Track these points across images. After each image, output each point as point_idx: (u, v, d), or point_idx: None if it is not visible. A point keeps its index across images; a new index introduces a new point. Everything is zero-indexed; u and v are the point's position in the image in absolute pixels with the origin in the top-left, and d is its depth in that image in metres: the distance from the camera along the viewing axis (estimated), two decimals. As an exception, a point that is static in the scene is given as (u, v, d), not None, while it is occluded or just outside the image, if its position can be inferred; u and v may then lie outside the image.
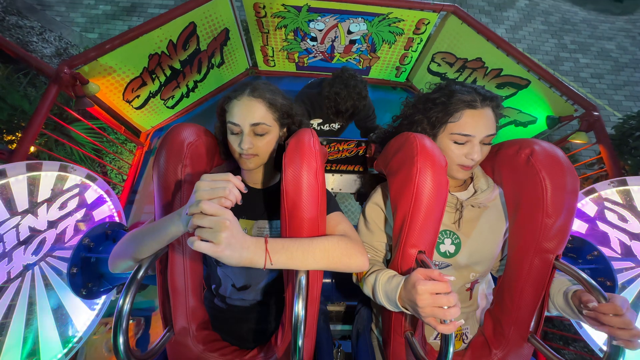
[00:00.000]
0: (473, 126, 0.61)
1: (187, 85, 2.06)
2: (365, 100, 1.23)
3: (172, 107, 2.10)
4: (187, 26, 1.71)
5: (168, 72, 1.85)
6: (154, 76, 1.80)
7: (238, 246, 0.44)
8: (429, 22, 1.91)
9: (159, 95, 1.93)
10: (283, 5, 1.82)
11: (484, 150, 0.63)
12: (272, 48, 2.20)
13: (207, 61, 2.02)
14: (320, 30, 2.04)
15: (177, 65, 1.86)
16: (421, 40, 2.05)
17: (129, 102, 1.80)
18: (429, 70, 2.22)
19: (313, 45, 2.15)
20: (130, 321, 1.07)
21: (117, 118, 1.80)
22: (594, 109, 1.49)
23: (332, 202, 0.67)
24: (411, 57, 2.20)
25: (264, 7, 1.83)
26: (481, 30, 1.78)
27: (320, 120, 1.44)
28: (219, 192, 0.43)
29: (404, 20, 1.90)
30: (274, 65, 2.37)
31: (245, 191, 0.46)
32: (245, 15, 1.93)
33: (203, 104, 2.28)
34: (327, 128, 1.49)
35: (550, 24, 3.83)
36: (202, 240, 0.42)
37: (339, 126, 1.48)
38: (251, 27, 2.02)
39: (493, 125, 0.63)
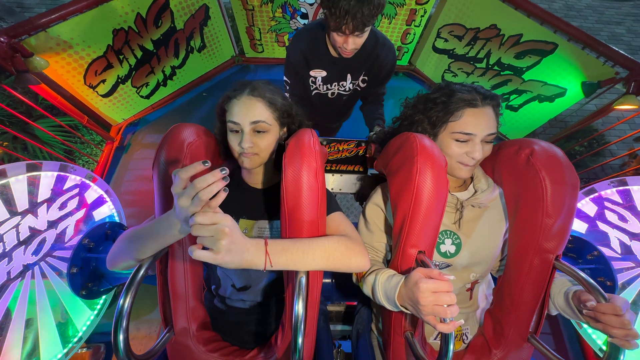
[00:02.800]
0: (474, 125, 0.61)
1: (163, 71, 1.80)
2: (384, 2, 0.82)
3: (147, 96, 1.84)
4: None
5: (139, 54, 1.61)
6: (121, 57, 1.55)
7: (238, 251, 0.44)
8: None
9: (129, 81, 1.67)
10: None
11: (485, 149, 0.64)
12: (259, 29, 1.95)
13: (185, 43, 1.77)
14: (311, 5, 1.82)
15: (149, 46, 1.62)
16: (425, 12, 1.81)
17: (93, 87, 1.55)
18: (434, 49, 1.99)
19: (304, 24, 1.93)
20: (85, 349, 0.98)
21: (79, 106, 1.56)
22: None
23: (332, 203, 0.67)
24: (414, 34, 1.96)
25: None
26: None
27: (324, 74, 1.07)
28: (199, 201, 0.42)
29: None
30: (262, 51, 2.12)
31: (225, 174, 0.42)
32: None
33: (184, 95, 2.02)
34: (334, 90, 1.13)
35: (555, 11, 3.75)
36: (203, 248, 0.42)
37: (351, 85, 1.11)
38: (234, 3, 1.78)
39: (494, 124, 0.63)
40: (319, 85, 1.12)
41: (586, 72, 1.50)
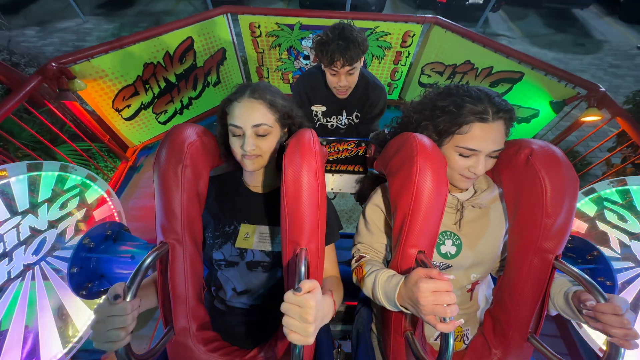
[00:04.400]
0: (481, 140, 0.58)
1: (181, 101, 2.03)
2: (366, 45, 1.02)
3: (165, 122, 2.04)
4: (184, 40, 1.78)
5: (162, 84, 1.84)
6: (147, 86, 1.78)
7: (323, 318, 0.49)
8: (414, 34, 2.00)
9: (151, 107, 1.89)
10: (277, 23, 1.94)
11: (489, 163, 0.61)
12: (267, 69, 2.26)
13: (202, 78, 2.03)
14: (312, 48, 2.15)
15: (172, 78, 1.86)
16: (409, 53, 2.13)
17: (119, 111, 1.76)
18: (420, 84, 2.27)
19: (306, 64, 2.24)
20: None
21: (103, 126, 1.76)
22: (597, 87, 1.43)
23: (335, 228, 0.70)
24: (401, 72, 2.27)
25: (259, 26, 1.95)
26: (465, 34, 1.84)
27: (323, 109, 1.24)
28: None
29: (390, 34, 1.99)
30: (270, 87, 2.48)
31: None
32: (242, 39, 2.01)
33: (197, 124, 2.28)
34: (333, 122, 1.28)
35: (524, 64, 4.31)
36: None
37: (347, 120, 1.27)
38: (247, 47, 2.10)
39: (502, 140, 0.60)
40: (320, 118, 1.28)
41: (552, 93, 1.72)
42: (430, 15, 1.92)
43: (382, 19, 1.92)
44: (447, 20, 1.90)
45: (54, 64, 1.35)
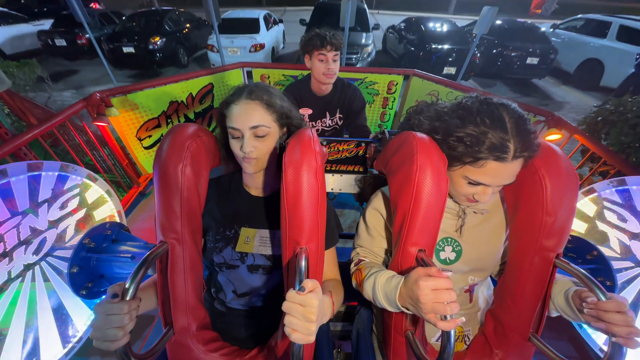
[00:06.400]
0: (492, 177, 0.54)
1: None
2: (343, 42, 1.28)
3: None
4: (206, 85, 2.19)
5: (182, 120, 2.15)
6: (169, 120, 2.08)
7: (323, 317, 0.52)
8: (397, 83, 2.45)
9: None
10: (283, 75, 2.43)
11: (495, 190, 0.59)
12: None
13: None
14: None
15: (191, 116, 2.19)
16: (394, 99, 2.55)
17: (140, 140, 1.98)
18: (406, 125, 2.65)
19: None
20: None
21: (124, 151, 1.97)
22: (551, 113, 1.72)
23: (335, 232, 0.71)
24: (389, 115, 2.65)
25: (269, 77, 2.43)
26: (439, 81, 2.29)
27: (310, 111, 1.39)
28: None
29: (377, 83, 2.44)
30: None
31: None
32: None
33: None
34: (319, 127, 1.42)
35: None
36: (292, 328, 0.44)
37: (330, 121, 1.41)
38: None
39: (515, 175, 0.55)
40: (307, 122, 1.43)
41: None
42: (410, 69, 2.39)
43: (370, 71, 2.41)
44: (423, 72, 2.36)
45: (98, 94, 1.62)
